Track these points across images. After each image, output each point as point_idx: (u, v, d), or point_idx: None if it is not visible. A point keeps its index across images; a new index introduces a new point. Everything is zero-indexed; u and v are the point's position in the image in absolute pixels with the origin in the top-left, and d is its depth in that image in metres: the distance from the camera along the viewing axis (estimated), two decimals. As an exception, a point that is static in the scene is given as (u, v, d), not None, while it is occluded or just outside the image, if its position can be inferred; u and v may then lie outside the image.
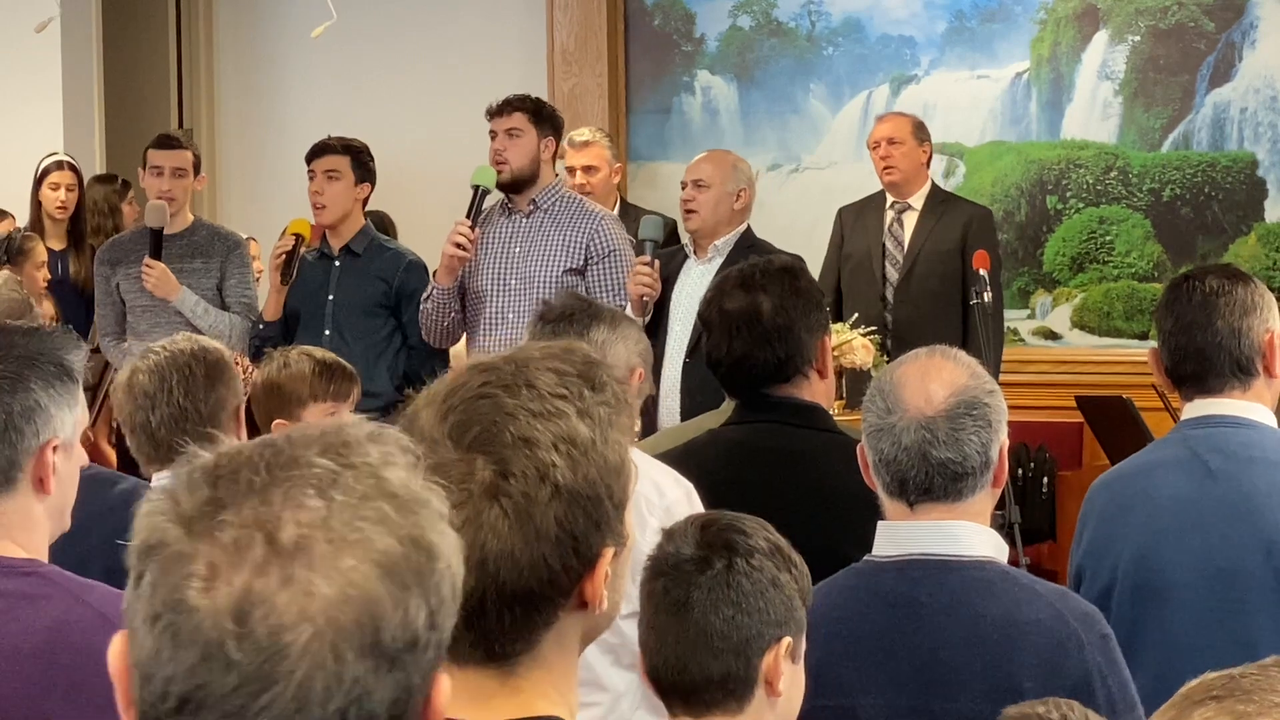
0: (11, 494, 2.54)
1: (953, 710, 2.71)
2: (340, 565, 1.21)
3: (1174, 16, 8.42)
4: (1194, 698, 1.35)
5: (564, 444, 1.71)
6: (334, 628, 1.19)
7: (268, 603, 1.19)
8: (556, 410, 1.72)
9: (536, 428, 1.71)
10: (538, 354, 1.78)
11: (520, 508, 1.69)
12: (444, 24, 9.47)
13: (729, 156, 6.56)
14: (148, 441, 3.61)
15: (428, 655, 1.24)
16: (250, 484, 1.23)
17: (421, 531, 1.25)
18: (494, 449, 1.70)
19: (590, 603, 1.73)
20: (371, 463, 1.26)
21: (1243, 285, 3.48)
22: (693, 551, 2.50)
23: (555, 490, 1.70)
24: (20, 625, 2.47)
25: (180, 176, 6.86)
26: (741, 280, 3.75)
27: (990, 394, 2.80)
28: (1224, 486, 3.40)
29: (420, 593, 1.23)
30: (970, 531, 2.80)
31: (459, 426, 1.72)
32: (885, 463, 2.79)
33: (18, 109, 9.11)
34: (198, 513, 1.23)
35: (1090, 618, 2.78)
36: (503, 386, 1.74)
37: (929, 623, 2.77)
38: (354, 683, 1.20)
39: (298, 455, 1.25)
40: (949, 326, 6.93)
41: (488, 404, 1.73)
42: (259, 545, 1.20)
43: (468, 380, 1.76)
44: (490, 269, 6.29)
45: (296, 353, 4.28)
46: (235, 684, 1.18)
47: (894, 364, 2.90)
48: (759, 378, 3.69)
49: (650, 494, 3.23)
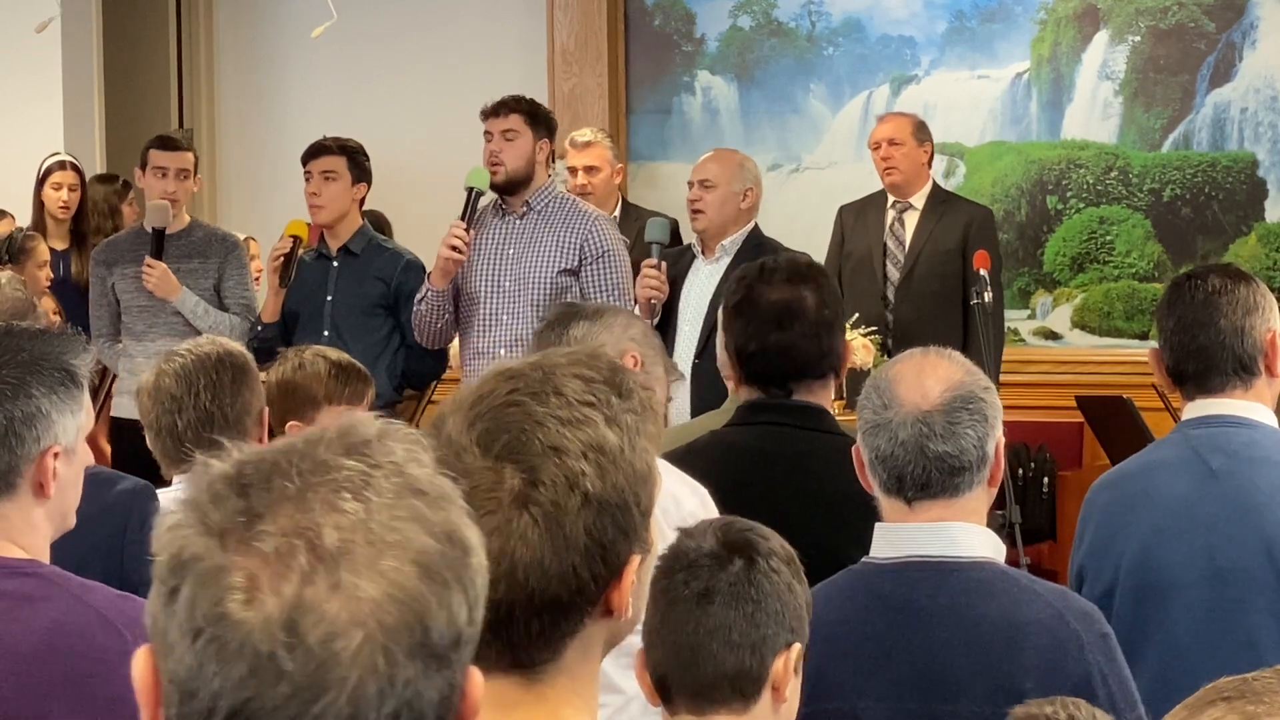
0: (12, 498, 2.54)
1: (953, 712, 2.71)
2: (381, 567, 1.20)
3: (1174, 16, 8.42)
4: (1205, 699, 1.36)
5: (593, 452, 1.70)
6: (384, 631, 1.18)
7: (317, 610, 1.18)
8: (585, 418, 1.72)
9: (565, 435, 1.70)
10: (564, 360, 1.78)
11: (550, 516, 1.68)
12: (444, 24, 9.47)
13: (735, 155, 6.54)
14: (173, 444, 3.59)
15: (468, 652, 1.24)
16: (284, 491, 1.22)
17: (454, 526, 1.24)
18: (523, 457, 1.69)
19: (616, 611, 1.73)
20: (397, 460, 1.25)
21: (1245, 284, 3.49)
22: (713, 548, 2.49)
23: (585, 499, 1.69)
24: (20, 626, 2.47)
25: (184, 178, 6.87)
26: (786, 273, 3.72)
27: (986, 390, 2.81)
28: (1226, 486, 3.40)
29: (460, 588, 1.23)
30: (968, 532, 2.80)
31: (487, 434, 1.71)
32: (882, 459, 2.79)
33: (18, 109, 9.11)
34: (231, 524, 1.21)
35: (1090, 617, 2.78)
36: (531, 394, 1.72)
37: (929, 624, 2.77)
38: (405, 684, 1.19)
39: (325, 459, 1.24)
40: (950, 326, 6.94)
41: (516, 411, 1.71)
42: (303, 553, 1.19)
43: (495, 388, 1.74)
44: (484, 270, 6.28)
45: (311, 353, 4.24)
46: (287, 694, 1.17)
47: (889, 363, 2.91)
48: (794, 371, 3.67)
49: (668, 505, 3.20)
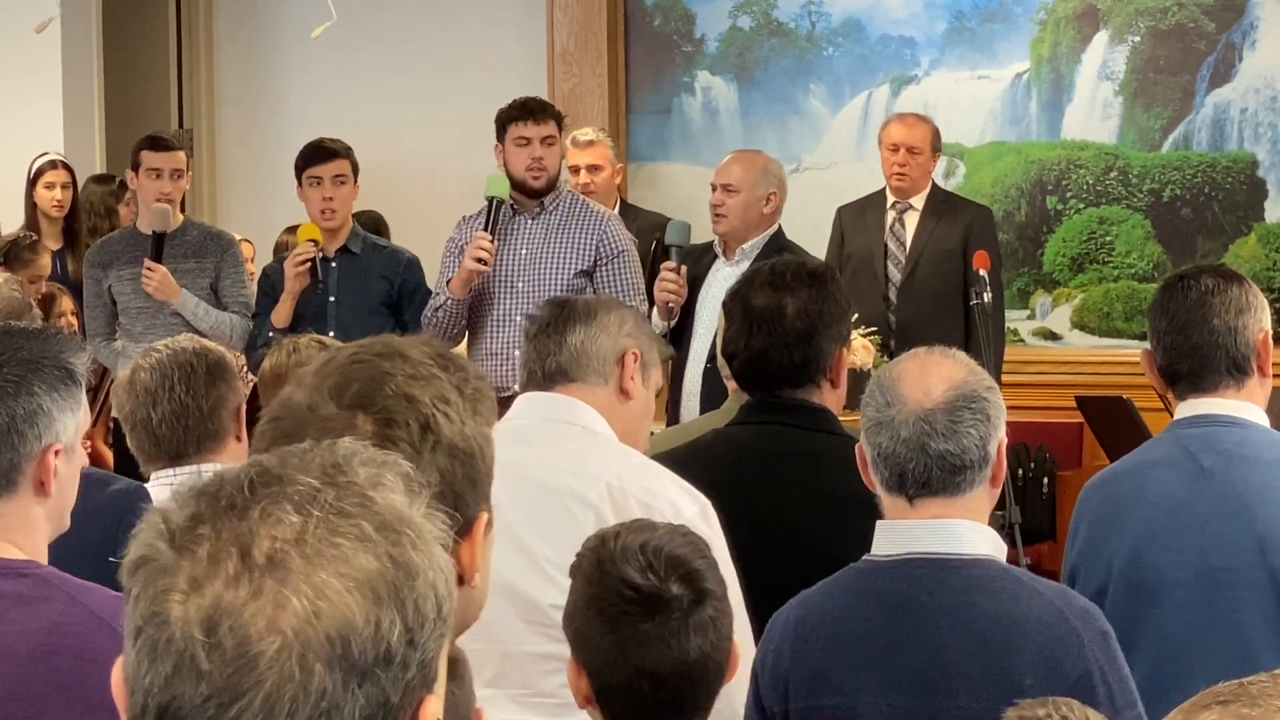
0: (12, 496, 2.54)
1: (953, 708, 2.72)
2: (313, 580, 1.22)
3: (1174, 17, 8.42)
4: (1201, 703, 1.36)
5: (441, 403, 1.78)
6: (301, 640, 1.20)
7: (236, 614, 1.20)
8: (431, 374, 1.80)
9: (415, 386, 1.78)
10: (399, 339, 1.87)
11: (408, 456, 1.70)
12: (444, 24, 9.47)
13: (759, 159, 6.48)
14: (148, 438, 3.64)
15: (407, 673, 1.24)
16: (231, 500, 1.25)
17: (403, 550, 1.25)
18: (375, 402, 1.77)
19: (465, 573, 1.76)
20: (358, 482, 1.28)
21: (1237, 285, 3.50)
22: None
23: (437, 441, 1.76)
24: (18, 627, 2.47)
25: (179, 178, 6.86)
26: (771, 278, 3.70)
27: (989, 390, 2.82)
28: (1217, 485, 3.40)
29: (396, 609, 1.23)
30: (969, 530, 2.80)
31: (338, 386, 1.78)
32: (884, 457, 2.80)
33: (18, 109, 9.11)
34: (180, 528, 1.25)
35: (1090, 615, 2.78)
36: (376, 355, 1.82)
37: (929, 622, 2.77)
38: (321, 695, 1.20)
39: (284, 474, 1.27)
40: (952, 326, 6.95)
41: (365, 367, 1.80)
42: (232, 559, 1.22)
43: (338, 353, 1.84)
44: (498, 270, 6.29)
45: (305, 340, 4.29)
46: (206, 694, 1.20)
47: (893, 362, 2.92)
48: (772, 378, 3.67)
49: (667, 512, 3.19)
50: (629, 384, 3.36)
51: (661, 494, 3.19)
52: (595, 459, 3.23)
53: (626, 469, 3.23)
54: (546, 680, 3.11)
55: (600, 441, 3.29)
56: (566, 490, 3.17)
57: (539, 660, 3.06)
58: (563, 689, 3.13)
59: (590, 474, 3.19)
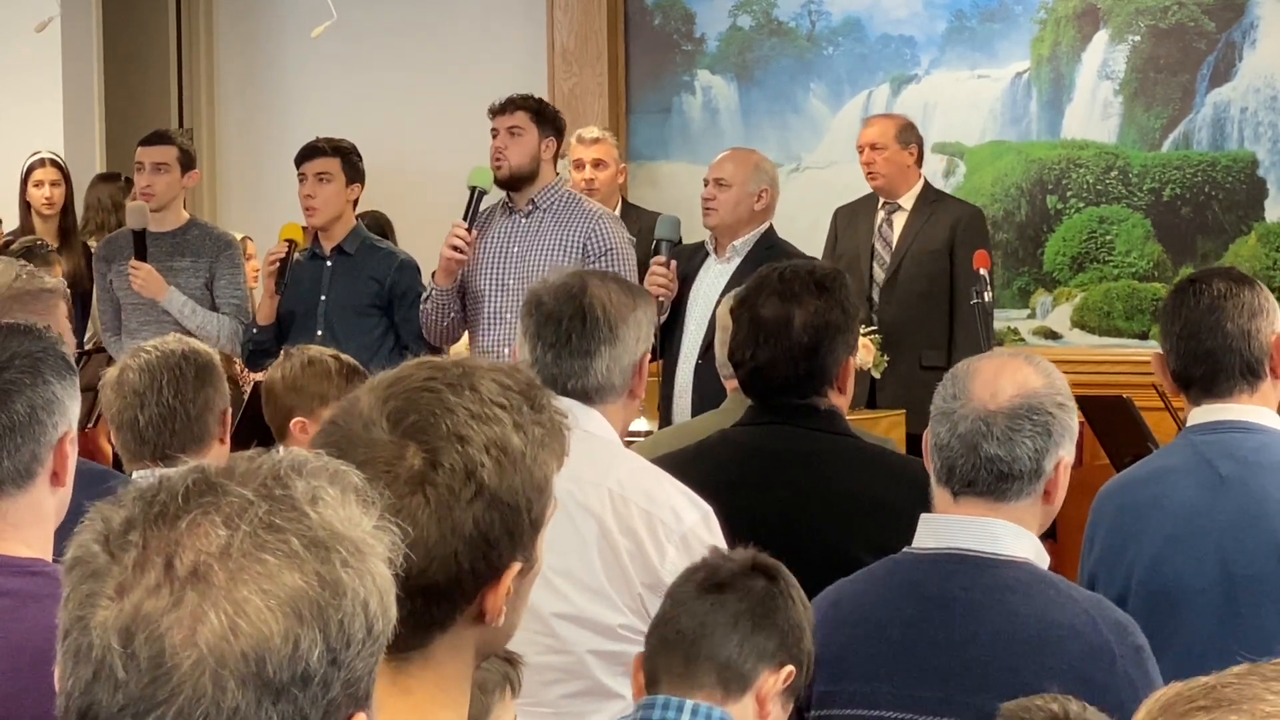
0: (29, 489, 2.54)
1: (975, 704, 2.71)
2: (234, 595, 1.21)
3: (1174, 16, 8.42)
4: (1177, 709, 1.32)
5: (495, 449, 1.75)
6: (216, 656, 1.20)
7: (153, 625, 1.20)
8: (494, 416, 1.77)
9: (472, 427, 1.75)
10: (485, 365, 1.84)
11: (442, 501, 1.72)
12: (444, 24, 9.47)
13: (752, 156, 6.49)
14: (134, 439, 3.64)
15: (329, 693, 1.24)
16: (164, 508, 1.25)
17: (331, 569, 1.25)
18: (428, 438, 1.75)
19: (489, 615, 1.76)
20: (294, 496, 1.27)
21: (1249, 289, 3.49)
22: (743, 564, 2.67)
23: (479, 490, 1.73)
24: (25, 625, 2.46)
25: (162, 171, 6.79)
26: (780, 287, 3.62)
27: (1059, 406, 2.81)
28: (1236, 492, 3.40)
29: (319, 628, 1.23)
30: (1011, 532, 2.81)
31: (398, 412, 1.77)
32: (939, 448, 2.82)
33: (18, 109, 9.11)
34: (114, 532, 1.25)
35: (1124, 628, 2.78)
36: (448, 384, 1.78)
37: (960, 617, 2.78)
38: (234, 712, 1.20)
39: (219, 484, 1.26)
40: (937, 326, 6.95)
41: (430, 396, 1.77)
42: (156, 569, 1.22)
43: (414, 373, 1.81)
44: (489, 268, 6.29)
45: (317, 350, 4.30)
46: (122, 704, 1.20)
47: (977, 356, 2.93)
48: (777, 389, 3.63)
49: (668, 519, 3.18)
50: (640, 389, 3.36)
51: (663, 500, 3.18)
52: (596, 465, 3.20)
53: (627, 474, 3.22)
54: (547, 690, 3.10)
55: (600, 445, 3.27)
56: (567, 496, 3.16)
57: (539, 670, 3.03)
58: (563, 699, 3.13)
59: (591, 480, 3.17)
